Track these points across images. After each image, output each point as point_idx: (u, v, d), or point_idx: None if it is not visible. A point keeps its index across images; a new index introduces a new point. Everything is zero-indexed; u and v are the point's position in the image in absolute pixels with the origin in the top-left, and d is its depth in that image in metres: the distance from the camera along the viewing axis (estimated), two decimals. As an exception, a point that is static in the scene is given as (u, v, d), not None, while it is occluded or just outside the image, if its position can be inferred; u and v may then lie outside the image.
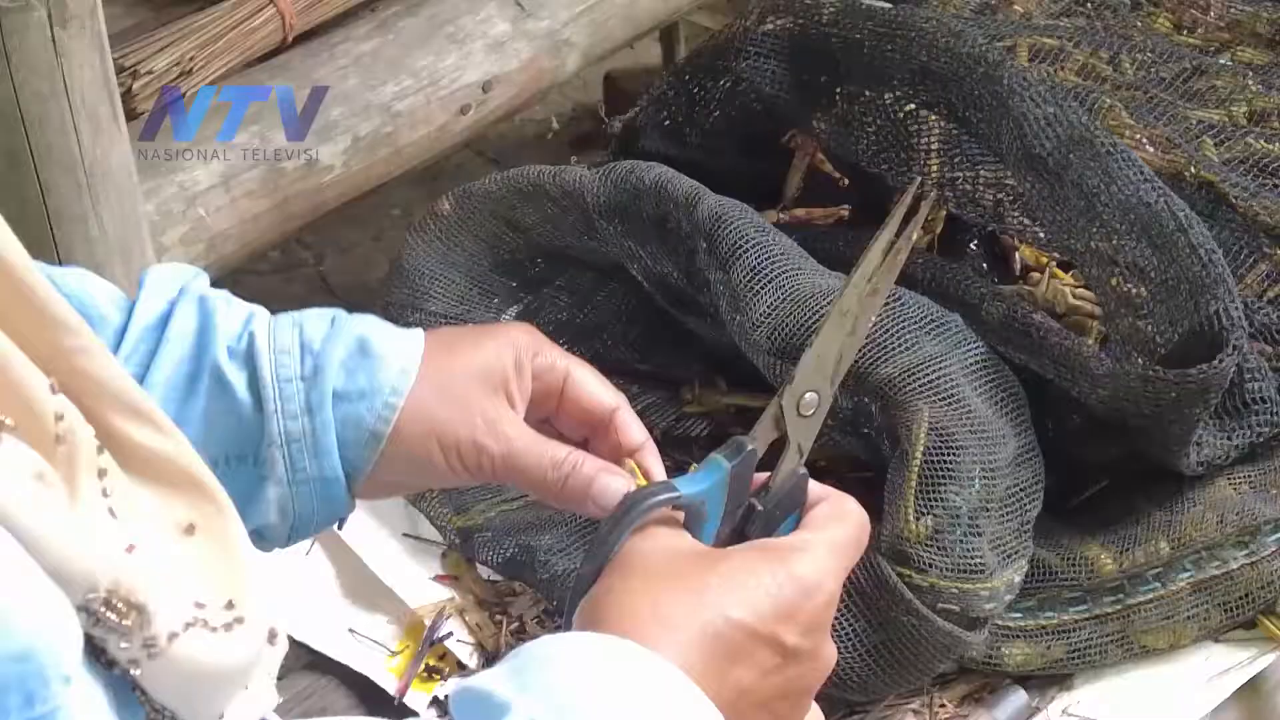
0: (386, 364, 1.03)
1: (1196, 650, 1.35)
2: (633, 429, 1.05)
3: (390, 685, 1.36)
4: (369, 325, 1.05)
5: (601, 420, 1.05)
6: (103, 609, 0.65)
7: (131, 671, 0.69)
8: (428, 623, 1.40)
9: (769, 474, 0.95)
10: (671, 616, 0.85)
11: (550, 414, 1.06)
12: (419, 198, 1.84)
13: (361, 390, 1.03)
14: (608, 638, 0.83)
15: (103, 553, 0.66)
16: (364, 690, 1.37)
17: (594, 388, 1.05)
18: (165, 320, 1.03)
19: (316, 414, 1.03)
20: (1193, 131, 1.53)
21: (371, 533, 1.49)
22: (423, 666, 1.38)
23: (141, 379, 1.00)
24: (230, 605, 0.75)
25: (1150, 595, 1.32)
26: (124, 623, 0.66)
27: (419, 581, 1.45)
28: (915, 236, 0.96)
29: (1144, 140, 1.48)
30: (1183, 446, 1.32)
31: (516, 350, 1.05)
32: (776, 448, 0.95)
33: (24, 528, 0.61)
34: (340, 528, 1.08)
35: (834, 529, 0.91)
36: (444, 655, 1.39)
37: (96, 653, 0.68)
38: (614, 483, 1.02)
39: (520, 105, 1.92)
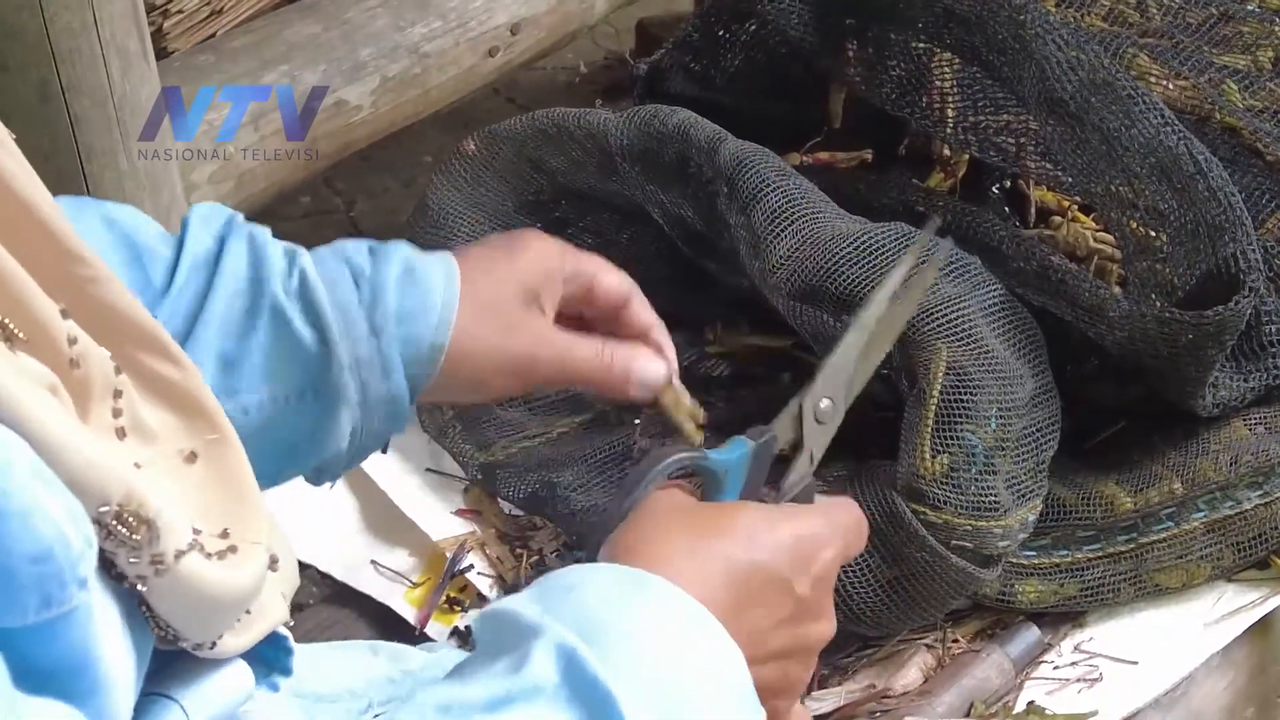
0: (432, 285, 1.07)
1: (1209, 589, 1.35)
2: (644, 313, 1.13)
3: (411, 616, 1.38)
4: (407, 251, 1.09)
5: (619, 308, 1.12)
6: (114, 522, 0.67)
7: (139, 587, 0.70)
8: (449, 555, 1.42)
9: (781, 478, 1.01)
10: (695, 555, 0.88)
11: (580, 311, 1.12)
12: (450, 144, 1.84)
13: (415, 310, 1.06)
14: (634, 570, 0.86)
15: (115, 466, 0.67)
16: (385, 621, 1.39)
17: (611, 281, 1.13)
18: (217, 257, 1.05)
19: (381, 335, 1.06)
20: (1218, 77, 1.53)
21: (395, 467, 1.51)
22: (444, 598, 1.39)
23: (196, 314, 1.03)
24: (225, 534, 0.77)
25: (1164, 534, 1.33)
26: (134, 537, 0.68)
27: (441, 515, 1.47)
28: (933, 277, 1.07)
29: (1169, 85, 1.48)
30: (1199, 388, 1.32)
31: (547, 263, 1.11)
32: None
33: (41, 437, 0.62)
34: (385, 451, 1.12)
35: (838, 511, 0.96)
36: (464, 587, 1.41)
37: (107, 566, 0.70)
38: (650, 366, 1.12)
39: (548, 48, 1.93)
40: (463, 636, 1.36)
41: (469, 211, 1.59)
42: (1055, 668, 1.32)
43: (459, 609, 1.39)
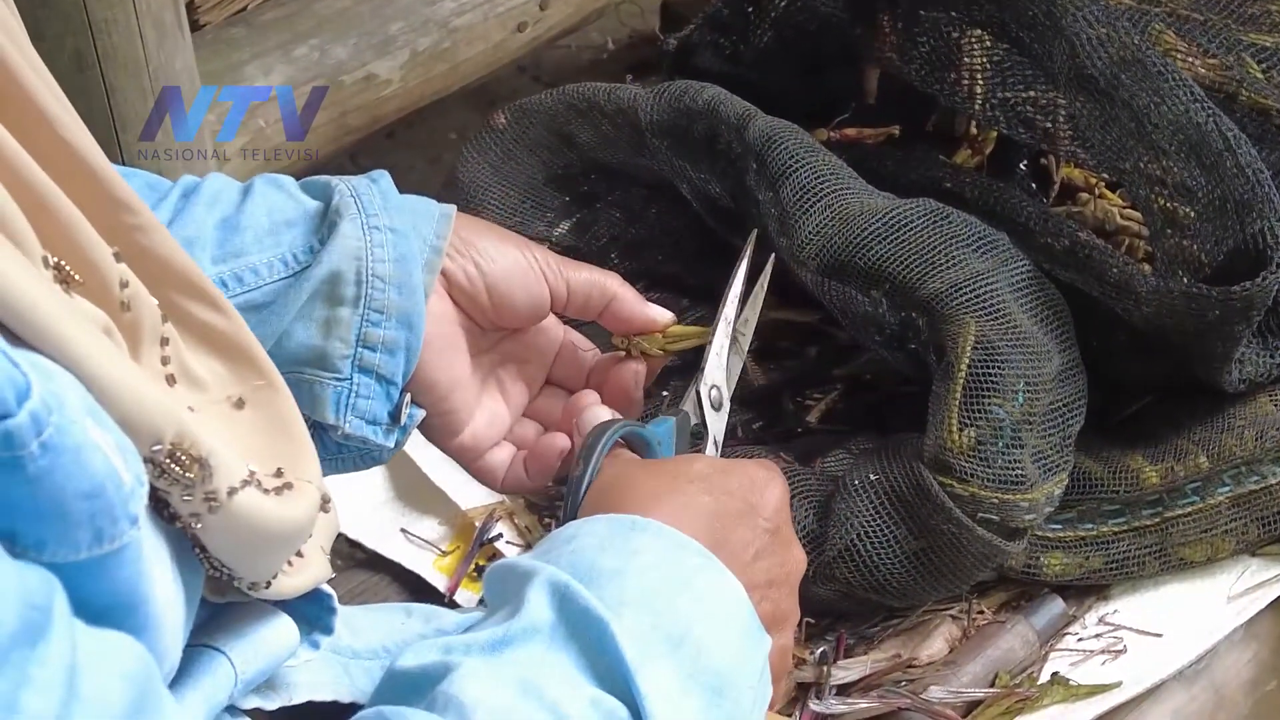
0: (424, 212, 1.10)
1: (1233, 563, 1.36)
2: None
3: (440, 584, 1.40)
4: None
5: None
6: (167, 460, 0.68)
7: (193, 526, 0.72)
8: (478, 525, 1.43)
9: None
10: (662, 502, 0.93)
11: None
12: (475, 121, 1.86)
13: (405, 230, 1.07)
14: (622, 515, 0.90)
15: (167, 406, 0.68)
16: (415, 588, 1.40)
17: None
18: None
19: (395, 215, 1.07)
20: (1244, 56, 1.53)
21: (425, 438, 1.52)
22: (472, 566, 1.40)
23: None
24: (279, 473, 0.78)
25: (1189, 509, 1.33)
26: (187, 475, 0.68)
27: (470, 485, 1.46)
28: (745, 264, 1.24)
29: (1195, 63, 1.48)
30: (1225, 364, 1.33)
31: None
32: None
33: (94, 376, 0.63)
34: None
35: (768, 460, 1.06)
36: (493, 556, 1.42)
37: (160, 507, 0.71)
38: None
39: (576, 24, 1.94)
40: (490, 604, 1.37)
41: (499, 185, 1.60)
42: (1079, 639, 1.32)
43: (488, 577, 1.40)
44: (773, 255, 1.29)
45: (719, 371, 1.16)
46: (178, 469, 0.68)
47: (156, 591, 0.68)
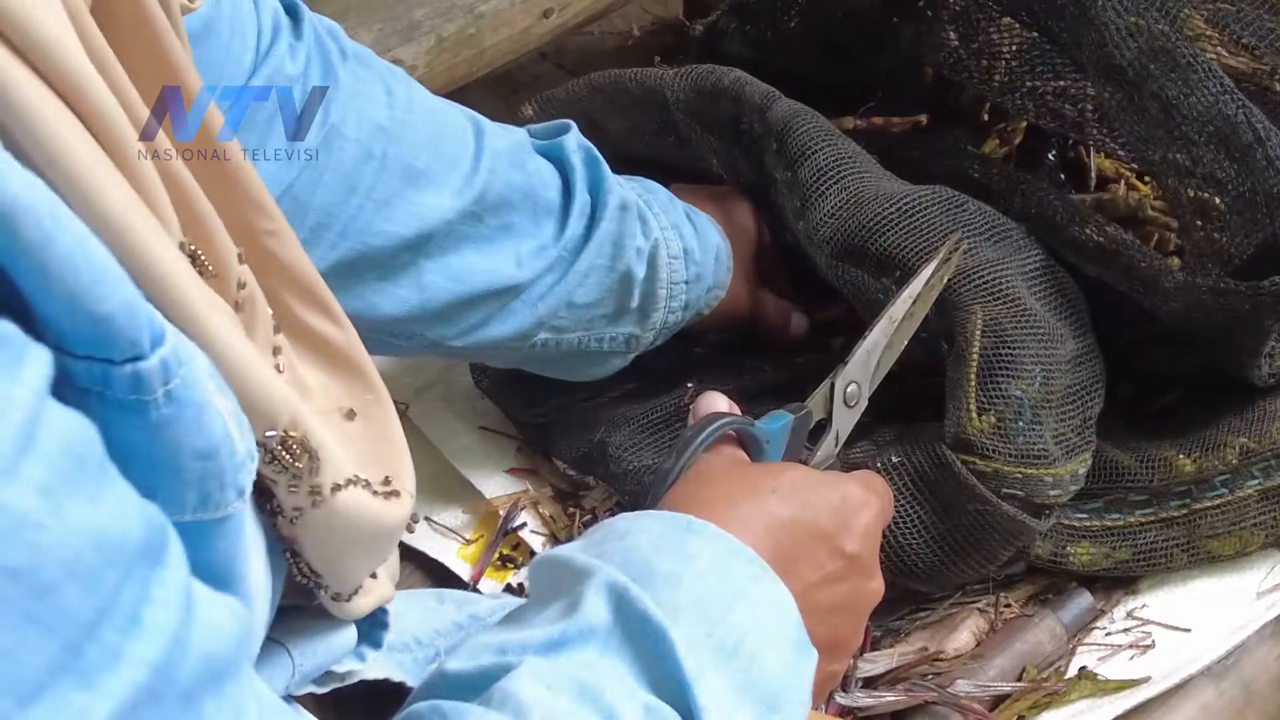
0: (720, 263, 1.41)
1: (1262, 558, 1.35)
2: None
3: (464, 572, 1.39)
4: (715, 233, 1.42)
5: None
6: (279, 447, 0.68)
7: (294, 520, 0.71)
8: (502, 513, 1.43)
9: (809, 456, 1.10)
10: (736, 507, 0.91)
11: None
12: (499, 109, 1.84)
13: (710, 285, 1.40)
14: (682, 516, 0.87)
15: (284, 392, 0.68)
16: (440, 575, 1.40)
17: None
18: (592, 214, 1.31)
19: (691, 310, 1.38)
20: (1277, 46, 1.52)
21: (448, 425, 1.52)
22: (496, 555, 1.40)
23: (570, 263, 1.29)
24: (387, 481, 0.79)
25: (1217, 501, 1.32)
26: (296, 464, 0.69)
27: (494, 473, 1.48)
28: (946, 278, 1.26)
29: (1224, 53, 1.47)
30: (1255, 358, 1.32)
31: (750, 234, 1.49)
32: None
33: (221, 354, 0.64)
34: None
35: (873, 478, 1.04)
36: (517, 545, 1.42)
37: (262, 501, 0.71)
38: (802, 320, 1.53)
39: (602, 10, 1.93)
40: (515, 593, 1.37)
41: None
42: (1108, 634, 1.32)
43: (512, 566, 1.40)
44: (949, 264, 1.28)
45: (863, 368, 1.14)
46: (288, 456, 0.68)
47: (251, 571, 0.68)
